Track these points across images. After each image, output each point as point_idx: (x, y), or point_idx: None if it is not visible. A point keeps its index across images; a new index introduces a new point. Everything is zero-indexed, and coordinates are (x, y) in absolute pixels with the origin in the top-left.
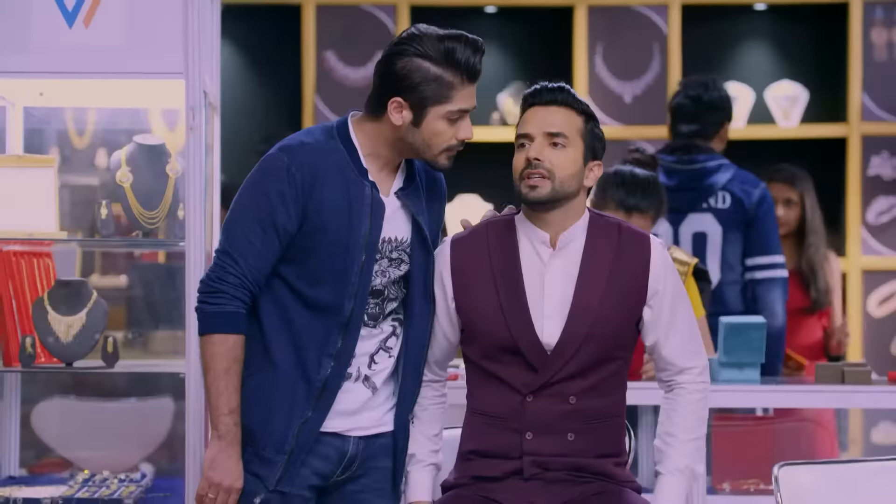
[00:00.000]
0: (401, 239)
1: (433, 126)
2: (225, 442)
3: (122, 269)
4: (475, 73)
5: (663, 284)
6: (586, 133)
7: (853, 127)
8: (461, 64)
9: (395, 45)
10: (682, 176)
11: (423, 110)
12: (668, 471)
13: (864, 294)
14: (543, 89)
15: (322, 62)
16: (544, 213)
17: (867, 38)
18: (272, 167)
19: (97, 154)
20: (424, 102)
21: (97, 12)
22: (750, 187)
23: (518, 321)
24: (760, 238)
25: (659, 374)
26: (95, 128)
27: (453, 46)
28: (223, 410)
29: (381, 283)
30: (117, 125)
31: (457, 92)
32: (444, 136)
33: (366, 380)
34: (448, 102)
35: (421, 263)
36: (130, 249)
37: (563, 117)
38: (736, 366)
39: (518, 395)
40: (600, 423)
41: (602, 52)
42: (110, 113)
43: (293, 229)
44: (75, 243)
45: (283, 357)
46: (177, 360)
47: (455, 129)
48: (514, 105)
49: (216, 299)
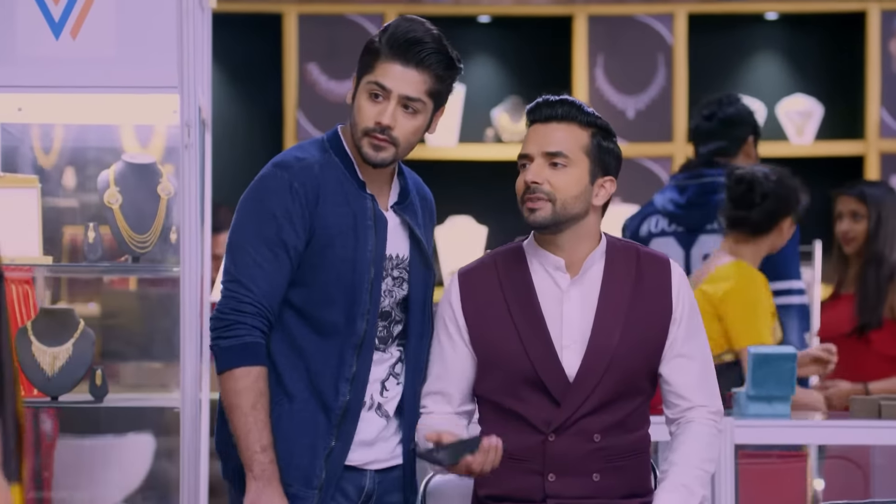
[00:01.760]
0: (402, 256)
1: (359, 101)
2: (262, 482)
3: (90, 297)
4: (404, 48)
5: (681, 312)
6: (592, 148)
7: (871, 144)
8: (392, 37)
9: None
10: (690, 192)
11: (357, 84)
12: (665, 488)
13: None
14: (543, 104)
15: (305, 75)
16: (553, 237)
17: (885, 49)
18: (273, 185)
19: (65, 173)
20: (359, 74)
21: (85, 23)
22: None
23: (539, 350)
24: (774, 262)
25: (667, 412)
26: (63, 145)
27: (398, 23)
28: (255, 448)
29: (389, 305)
30: (86, 142)
31: (380, 63)
32: (365, 114)
33: (379, 408)
34: (369, 73)
35: (421, 282)
36: (122, 276)
37: (564, 134)
38: (765, 399)
39: (539, 435)
40: (626, 462)
41: (603, 64)
42: (78, 129)
43: (302, 248)
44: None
45: (299, 387)
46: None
47: (376, 111)
48: (509, 121)
49: (233, 332)
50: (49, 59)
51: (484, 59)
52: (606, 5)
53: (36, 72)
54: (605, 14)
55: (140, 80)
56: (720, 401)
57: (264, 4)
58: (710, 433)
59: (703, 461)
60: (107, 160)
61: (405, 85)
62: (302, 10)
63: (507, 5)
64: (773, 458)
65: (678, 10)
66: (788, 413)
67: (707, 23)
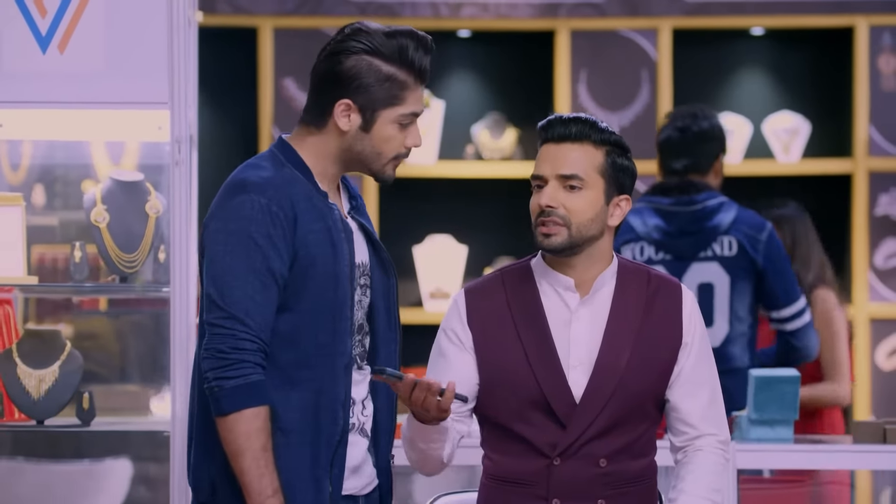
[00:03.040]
0: (365, 263)
1: (383, 131)
2: None
3: (59, 318)
4: (426, 74)
5: (691, 337)
6: (607, 168)
7: (859, 162)
8: (414, 63)
9: (338, 41)
10: (681, 219)
11: (374, 114)
12: None
13: (871, 344)
14: (556, 122)
15: (280, 90)
16: (565, 259)
17: (874, 65)
18: (250, 211)
19: (34, 191)
20: (375, 105)
21: (73, 37)
22: (756, 232)
23: (546, 371)
24: (783, 287)
25: (674, 439)
26: (31, 162)
27: (405, 44)
28: (268, 493)
29: (361, 317)
30: (54, 159)
31: (409, 93)
32: (394, 142)
33: (361, 429)
34: (400, 105)
35: (382, 288)
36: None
37: (578, 155)
38: (767, 423)
39: (544, 459)
40: (632, 489)
41: (586, 79)
42: (47, 146)
43: (287, 272)
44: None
45: (291, 417)
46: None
47: (404, 135)
48: (489, 138)
49: (238, 371)
50: (36, 73)
51: (464, 75)
52: (589, 20)
53: (22, 87)
54: (588, 29)
55: (129, 96)
56: (728, 430)
57: (239, 18)
58: (719, 462)
59: (712, 491)
60: (76, 177)
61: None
62: (277, 24)
63: (488, 19)
64: (775, 482)
65: (662, 25)
66: (791, 437)
67: (692, 38)
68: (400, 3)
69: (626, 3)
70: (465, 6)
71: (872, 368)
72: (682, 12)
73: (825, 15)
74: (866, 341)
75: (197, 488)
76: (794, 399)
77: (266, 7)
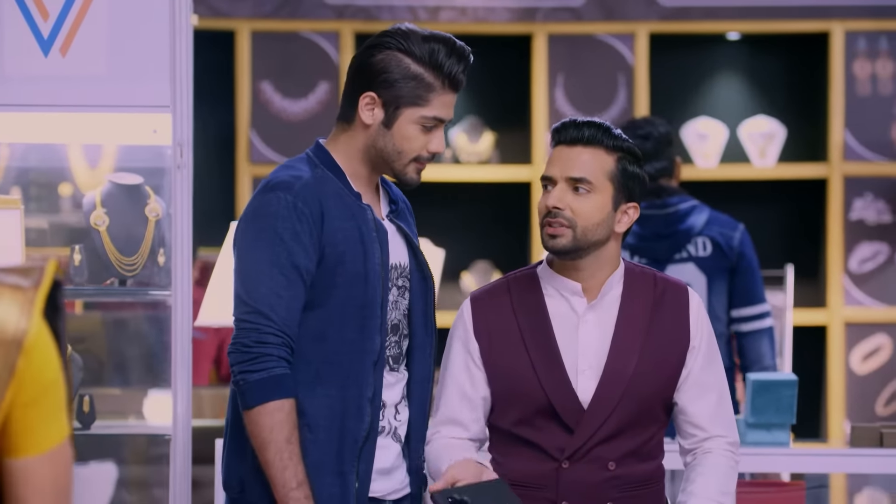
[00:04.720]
0: (403, 265)
1: (405, 130)
2: None
3: None
4: (457, 82)
5: (699, 340)
6: (617, 174)
7: (834, 167)
8: (444, 68)
9: (377, 37)
10: (655, 223)
11: (397, 110)
12: None
13: (846, 348)
14: (569, 125)
15: (258, 94)
16: (572, 262)
17: (849, 70)
18: (277, 208)
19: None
20: (399, 101)
21: (75, 40)
22: (729, 230)
23: (552, 378)
24: (746, 287)
25: (683, 442)
26: (8, 164)
27: (438, 48)
28: (292, 485)
29: (397, 317)
30: (28, 162)
31: (435, 96)
32: (416, 143)
33: (394, 433)
34: (424, 106)
35: (420, 290)
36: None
37: (589, 158)
38: (764, 427)
39: (553, 462)
40: (640, 492)
41: (563, 83)
42: (24, 149)
43: (314, 269)
44: None
45: (318, 413)
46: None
47: (427, 139)
48: (466, 141)
49: (261, 364)
50: (38, 77)
51: None
52: (566, 24)
53: (24, 90)
54: (565, 33)
55: (132, 100)
56: (737, 432)
57: (216, 21)
58: (729, 465)
59: (722, 493)
60: (53, 181)
61: (451, 112)
62: (255, 27)
63: (466, 23)
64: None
65: (639, 30)
66: (788, 441)
67: (668, 43)
68: (377, 7)
69: (603, 7)
70: (443, 10)
71: (847, 372)
72: (658, 17)
73: (801, 20)
74: (841, 345)
75: (228, 486)
76: (791, 403)
77: (244, 10)
